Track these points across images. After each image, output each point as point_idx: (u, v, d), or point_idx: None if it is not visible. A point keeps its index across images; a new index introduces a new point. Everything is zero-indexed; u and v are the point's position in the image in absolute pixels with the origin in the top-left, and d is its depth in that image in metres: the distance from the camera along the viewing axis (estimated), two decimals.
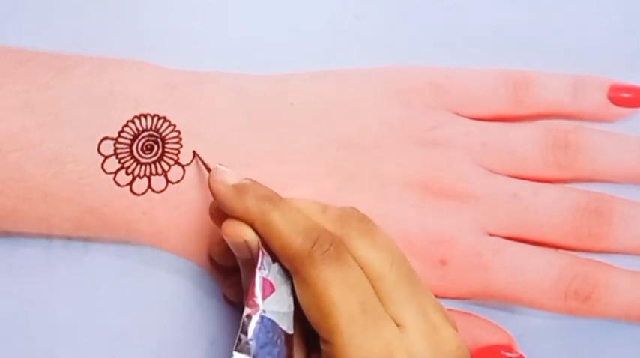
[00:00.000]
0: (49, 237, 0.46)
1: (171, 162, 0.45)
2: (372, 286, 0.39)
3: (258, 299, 0.38)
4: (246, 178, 0.41)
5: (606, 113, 0.49)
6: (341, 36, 0.49)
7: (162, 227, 0.45)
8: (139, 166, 0.45)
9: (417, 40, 0.49)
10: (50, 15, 0.48)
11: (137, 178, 0.45)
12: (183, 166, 0.45)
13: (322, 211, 0.41)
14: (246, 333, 0.38)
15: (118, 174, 0.44)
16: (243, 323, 0.38)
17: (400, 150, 0.46)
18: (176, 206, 0.45)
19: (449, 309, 0.45)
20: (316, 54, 0.48)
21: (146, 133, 0.45)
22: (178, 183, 0.45)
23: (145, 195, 0.45)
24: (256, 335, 0.38)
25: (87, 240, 0.46)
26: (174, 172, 0.45)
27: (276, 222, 0.39)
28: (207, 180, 0.41)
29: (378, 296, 0.39)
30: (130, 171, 0.45)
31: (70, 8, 0.48)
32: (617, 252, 0.47)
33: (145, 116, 0.45)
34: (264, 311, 0.38)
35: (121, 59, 0.46)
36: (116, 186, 0.44)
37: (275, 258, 0.40)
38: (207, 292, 0.46)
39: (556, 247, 0.47)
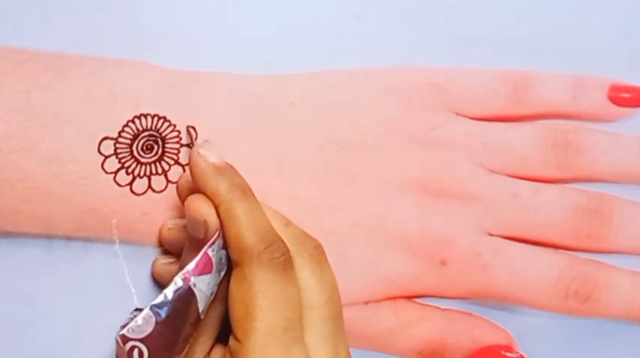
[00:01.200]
0: (49, 237, 0.46)
1: (172, 161, 0.45)
2: (302, 311, 0.40)
3: (193, 273, 0.39)
4: (227, 163, 0.41)
5: (606, 113, 0.49)
6: (341, 36, 0.49)
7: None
8: (139, 166, 0.45)
9: (417, 40, 0.49)
10: (50, 15, 0.48)
11: (137, 178, 0.45)
12: (183, 166, 0.45)
13: (285, 224, 0.41)
14: (165, 295, 0.39)
15: (118, 174, 0.45)
16: (168, 287, 0.39)
17: (400, 150, 0.47)
18: (176, 206, 0.45)
19: (449, 309, 0.47)
20: (316, 54, 0.49)
21: (146, 133, 0.45)
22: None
23: (145, 195, 0.45)
24: (175, 300, 0.38)
25: (87, 240, 0.46)
26: (175, 172, 0.45)
27: (239, 211, 0.40)
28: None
29: (303, 323, 0.40)
30: (130, 171, 0.45)
31: (70, 8, 0.48)
32: (617, 252, 0.47)
33: (145, 116, 0.45)
34: (194, 285, 0.39)
35: (121, 59, 0.46)
36: (116, 186, 0.45)
37: (224, 246, 0.40)
38: None
39: (556, 247, 0.47)
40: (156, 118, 0.45)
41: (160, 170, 0.45)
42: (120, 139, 0.45)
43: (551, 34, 0.50)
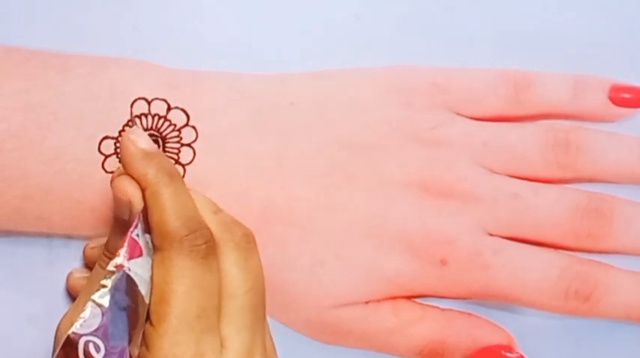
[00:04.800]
0: (49, 235, 0.46)
1: (172, 161, 0.45)
2: (220, 300, 0.40)
3: (125, 258, 0.39)
4: (158, 149, 0.42)
5: (607, 113, 0.49)
6: (341, 35, 0.49)
7: None
8: None
9: (418, 40, 0.50)
10: (50, 14, 0.48)
11: None
12: (183, 166, 0.45)
13: (214, 211, 0.41)
14: (104, 285, 0.39)
15: None
16: (105, 276, 0.39)
17: (400, 150, 0.47)
18: None
19: (449, 309, 0.47)
20: (316, 53, 0.49)
21: (146, 133, 0.44)
22: None
23: None
24: (114, 288, 0.39)
25: (87, 238, 0.46)
26: None
27: (164, 196, 0.40)
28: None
29: (221, 312, 0.40)
30: None
31: (70, 7, 0.48)
32: (617, 253, 0.48)
33: (146, 115, 0.45)
34: (129, 269, 0.39)
35: (122, 58, 0.47)
36: None
37: (148, 231, 0.41)
38: None
39: (556, 247, 0.47)
40: (156, 118, 0.45)
41: None
42: (120, 139, 0.44)
43: (551, 34, 0.50)
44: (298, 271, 0.46)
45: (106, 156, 0.45)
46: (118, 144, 0.45)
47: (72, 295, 0.46)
